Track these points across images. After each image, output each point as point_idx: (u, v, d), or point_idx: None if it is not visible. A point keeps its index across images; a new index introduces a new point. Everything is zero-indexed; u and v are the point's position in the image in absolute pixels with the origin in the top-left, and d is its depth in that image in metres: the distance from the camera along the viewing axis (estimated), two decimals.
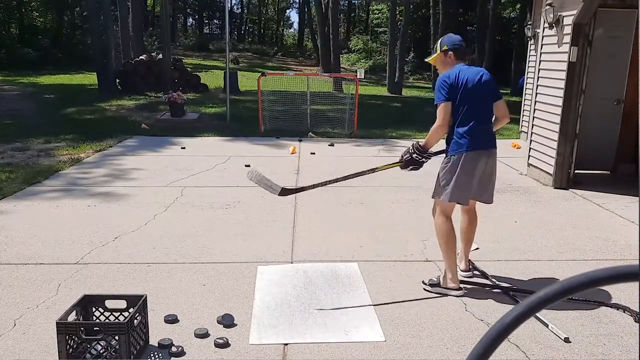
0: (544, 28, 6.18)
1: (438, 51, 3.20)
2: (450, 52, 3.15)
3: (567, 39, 5.57)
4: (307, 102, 10.17)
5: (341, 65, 23.73)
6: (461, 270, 3.37)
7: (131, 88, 14.57)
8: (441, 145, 3.18)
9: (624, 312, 2.97)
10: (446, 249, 3.15)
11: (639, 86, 5.55)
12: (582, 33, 5.49)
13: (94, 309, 2.60)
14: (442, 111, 3.03)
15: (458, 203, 3.15)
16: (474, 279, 3.38)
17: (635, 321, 2.87)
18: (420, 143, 3.16)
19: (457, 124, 3.05)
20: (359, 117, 9.48)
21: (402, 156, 3.22)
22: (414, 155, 3.14)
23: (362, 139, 8.91)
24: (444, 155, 3.17)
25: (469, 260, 3.50)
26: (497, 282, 3.33)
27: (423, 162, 3.18)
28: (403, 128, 9.95)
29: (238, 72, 18.21)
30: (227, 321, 2.77)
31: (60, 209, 4.78)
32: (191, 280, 3.31)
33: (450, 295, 3.12)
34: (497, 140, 3.20)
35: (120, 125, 9.50)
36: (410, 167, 3.21)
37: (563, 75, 5.63)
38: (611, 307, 3.03)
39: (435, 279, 3.22)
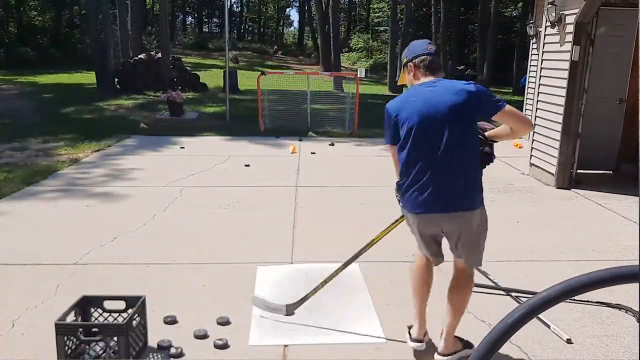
0: (545, 27, 6.15)
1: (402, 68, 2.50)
2: (410, 65, 2.39)
3: (569, 37, 5.55)
4: (307, 101, 10.14)
5: (342, 64, 23.73)
6: (411, 340, 2.51)
7: (130, 87, 14.55)
8: None
9: (627, 312, 2.95)
10: (411, 293, 2.60)
11: (639, 86, 5.53)
12: (584, 32, 5.46)
13: (92, 310, 2.58)
14: (391, 154, 2.48)
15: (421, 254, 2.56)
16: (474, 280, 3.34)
17: (638, 321, 2.85)
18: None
19: (399, 173, 2.41)
20: (359, 117, 9.46)
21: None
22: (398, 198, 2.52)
23: (362, 139, 8.89)
24: None
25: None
26: (499, 283, 3.31)
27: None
28: None
29: (238, 71, 18.17)
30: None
31: (59, 209, 4.76)
32: (190, 281, 3.29)
33: (408, 343, 2.54)
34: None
35: (119, 125, 9.47)
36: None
37: (565, 74, 5.61)
38: (613, 307, 3.01)
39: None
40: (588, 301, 3.04)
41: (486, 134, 2.48)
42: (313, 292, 2.86)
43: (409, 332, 2.58)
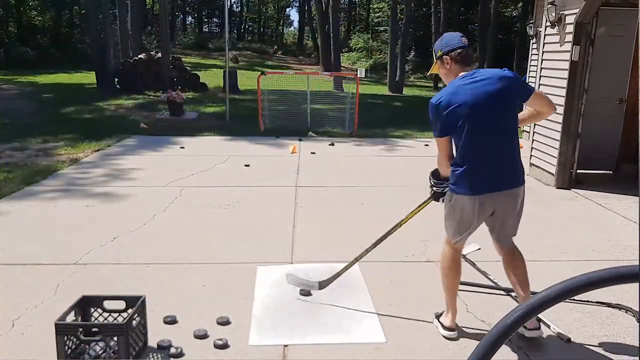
0: (545, 27, 6.15)
1: (435, 58, 2.66)
2: (446, 58, 2.54)
3: (569, 37, 5.55)
4: (307, 101, 10.14)
5: (342, 64, 23.72)
6: (445, 329, 2.70)
7: (130, 87, 14.54)
8: None
9: (627, 312, 2.95)
10: (445, 286, 2.72)
11: (639, 86, 5.53)
12: (584, 32, 5.46)
13: (92, 310, 2.58)
14: (438, 147, 2.59)
15: (453, 239, 2.67)
16: (474, 280, 3.35)
17: (638, 321, 2.85)
18: (436, 172, 2.72)
19: (453, 160, 2.55)
20: (359, 117, 9.45)
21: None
22: (434, 188, 2.74)
23: (362, 139, 8.89)
24: None
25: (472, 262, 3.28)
26: (499, 283, 3.31)
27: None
28: (404, 127, 9.92)
29: (237, 71, 18.17)
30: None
31: (59, 209, 4.76)
32: (190, 281, 3.29)
33: (440, 333, 2.70)
34: None
35: (119, 125, 9.47)
36: (441, 198, 2.73)
37: (565, 74, 5.61)
38: (613, 307, 3.00)
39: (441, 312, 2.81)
40: (588, 301, 3.04)
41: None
42: (345, 269, 3.05)
43: (439, 321, 2.73)
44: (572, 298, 2.52)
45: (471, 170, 2.47)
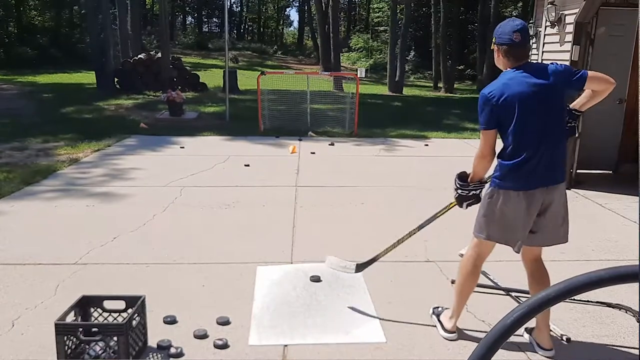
0: (545, 27, 6.16)
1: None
2: (496, 48, 2.48)
3: (569, 37, 5.55)
4: (307, 101, 10.13)
5: (341, 64, 23.71)
6: (445, 331, 2.69)
7: (130, 87, 14.54)
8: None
9: (626, 312, 2.95)
10: (459, 289, 2.66)
11: (639, 86, 5.52)
12: (584, 32, 5.46)
13: (92, 310, 2.58)
14: (483, 140, 2.48)
15: (498, 242, 2.59)
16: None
17: (638, 321, 2.85)
18: (462, 174, 2.62)
19: (500, 154, 2.48)
20: (359, 117, 9.46)
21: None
22: (459, 191, 2.61)
23: (362, 139, 8.89)
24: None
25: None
26: (499, 283, 3.31)
27: (475, 193, 2.60)
28: (404, 127, 9.92)
29: (237, 70, 18.17)
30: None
31: (59, 209, 4.76)
32: (190, 281, 3.29)
33: (439, 333, 2.71)
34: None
35: (119, 125, 9.47)
36: (465, 202, 2.63)
37: None
38: (613, 307, 3.00)
39: (441, 309, 2.83)
40: (588, 301, 3.04)
41: (570, 105, 2.60)
42: (384, 252, 3.08)
43: (440, 320, 2.74)
44: (572, 298, 2.52)
45: (521, 165, 2.39)
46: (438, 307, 2.85)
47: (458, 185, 2.61)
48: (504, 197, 2.46)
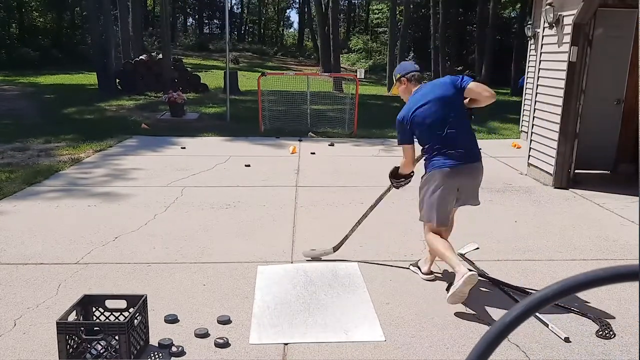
0: (544, 28, 6.18)
1: (395, 81, 3.39)
2: (404, 79, 3.28)
3: (567, 38, 5.57)
4: (307, 102, 10.16)
5: (341, 65, 23.73)
6: (422, 273, 3.41)
7: (131, 88, 14.57)
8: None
9: (593, 321, 2.84)
10: (443, 254, 3.06)
11: (638, 86, 5.55)
12: (582, 33, 5.48)
13: (94, 309, 2.59)
14: (406, 152, 3.24)
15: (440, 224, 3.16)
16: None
17: (600, 326, 2.76)
18: (394, 171, 3.40)
19: (423, 153, 3.22)
20: (359, 117, 9.48)
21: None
22: (394, 186, 3.45)
23: (362, 139, 8.91)
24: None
25: (468, 260, 3.46)
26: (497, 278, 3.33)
27: (406, 182, 3.41)
28: None
29: (238, 72, 18.20)
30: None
31: (60, 209, 4.78)
32: (191, 280, 3.31)
33: (420, 276, 3.37)
34: (498, 140, 2.99)
35: (120, 125, 9.50)
36: (400, 187, 3.48)
37: (563, 75, 5.63)
38: (584, 316, 2.89)
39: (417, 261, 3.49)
40: (563, 306, 2.94)
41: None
42: (351, 231, 3.67)
43: (418, 267, 3.44)
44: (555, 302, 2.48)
45: (438, 154, 3.07)
46: (416, 261, 3.49)
47: (394, 182, 3.43)
48: (431, 176, 3.14)
